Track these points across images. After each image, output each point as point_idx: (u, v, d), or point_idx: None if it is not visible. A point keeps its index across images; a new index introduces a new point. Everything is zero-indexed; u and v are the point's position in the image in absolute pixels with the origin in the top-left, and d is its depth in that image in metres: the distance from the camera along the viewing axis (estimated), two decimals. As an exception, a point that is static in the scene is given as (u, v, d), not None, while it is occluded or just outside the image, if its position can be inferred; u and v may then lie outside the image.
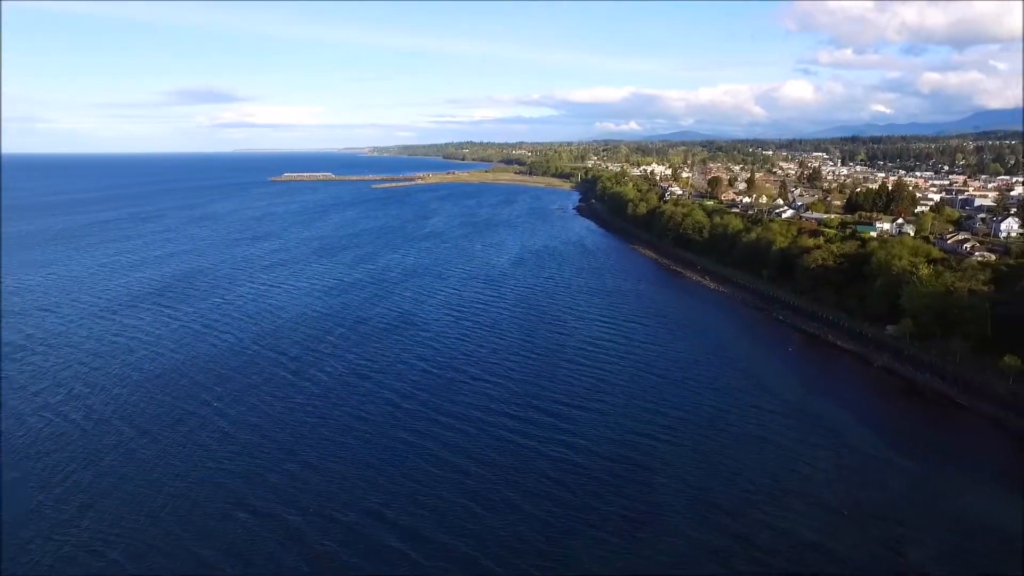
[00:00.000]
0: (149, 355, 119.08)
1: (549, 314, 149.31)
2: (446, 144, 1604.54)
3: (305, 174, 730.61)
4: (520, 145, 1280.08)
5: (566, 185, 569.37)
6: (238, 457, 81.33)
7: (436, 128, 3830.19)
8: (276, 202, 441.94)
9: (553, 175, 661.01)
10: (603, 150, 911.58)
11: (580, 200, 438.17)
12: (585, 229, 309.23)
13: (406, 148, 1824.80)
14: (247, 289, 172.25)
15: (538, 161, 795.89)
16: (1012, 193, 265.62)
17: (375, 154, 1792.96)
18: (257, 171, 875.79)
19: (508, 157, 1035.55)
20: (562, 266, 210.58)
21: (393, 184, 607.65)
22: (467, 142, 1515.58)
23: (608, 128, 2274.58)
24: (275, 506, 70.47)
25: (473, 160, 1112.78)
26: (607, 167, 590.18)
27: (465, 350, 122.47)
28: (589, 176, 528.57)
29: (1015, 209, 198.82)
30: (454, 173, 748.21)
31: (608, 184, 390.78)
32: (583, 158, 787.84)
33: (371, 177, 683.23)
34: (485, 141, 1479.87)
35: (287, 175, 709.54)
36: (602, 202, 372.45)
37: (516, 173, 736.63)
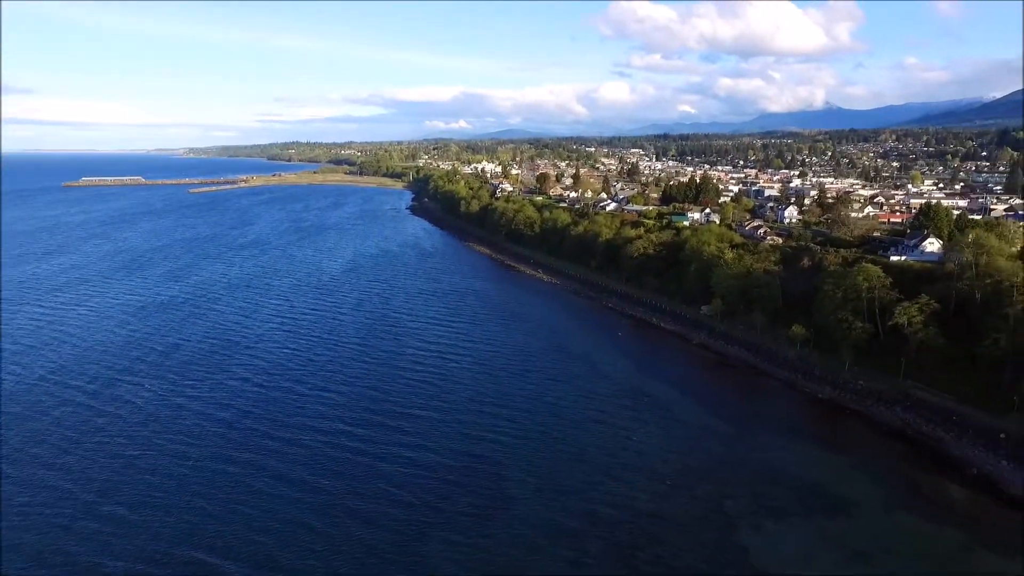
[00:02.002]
0: None
1: (387, 319, 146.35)
2: (271, 144, 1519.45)
3: (109, 178, 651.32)
4: (350, 145, 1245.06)
5: (398, 184, 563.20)
6: (16, 521, 67.13)
7: (260, 128, 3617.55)
8: (72, 211, 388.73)
9: (385, 175, 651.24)
10: (434, 149, 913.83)
11: (413, 199, 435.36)
12: (420, 229, 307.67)
13: (227, 149, 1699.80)
14: (32, 315, 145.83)
15: (369, 161, 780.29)
16: (791, 185, 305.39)
17: (191, 155, 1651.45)
18: (48, 175, 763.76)
19: (338, 157, 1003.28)
20: (398, 268, 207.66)
21: (213, 188, 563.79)
22: (294, 142, 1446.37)
23: (438, 127, 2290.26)
24: (88, 562, 61.76)
25: (300, 161, 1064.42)
26: (438, 166, 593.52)
27: (298, 363, 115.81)
28: (421, 175, 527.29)
29: (794, 198, 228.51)
30: (280, 175, 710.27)
31: (440, 183, 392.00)
32: (414, 157, 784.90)
33: (187, 181, 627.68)
34: (313, 141, 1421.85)
35: (86, 179, 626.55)
36: (435, 201, 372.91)
37: (346, 173, 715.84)
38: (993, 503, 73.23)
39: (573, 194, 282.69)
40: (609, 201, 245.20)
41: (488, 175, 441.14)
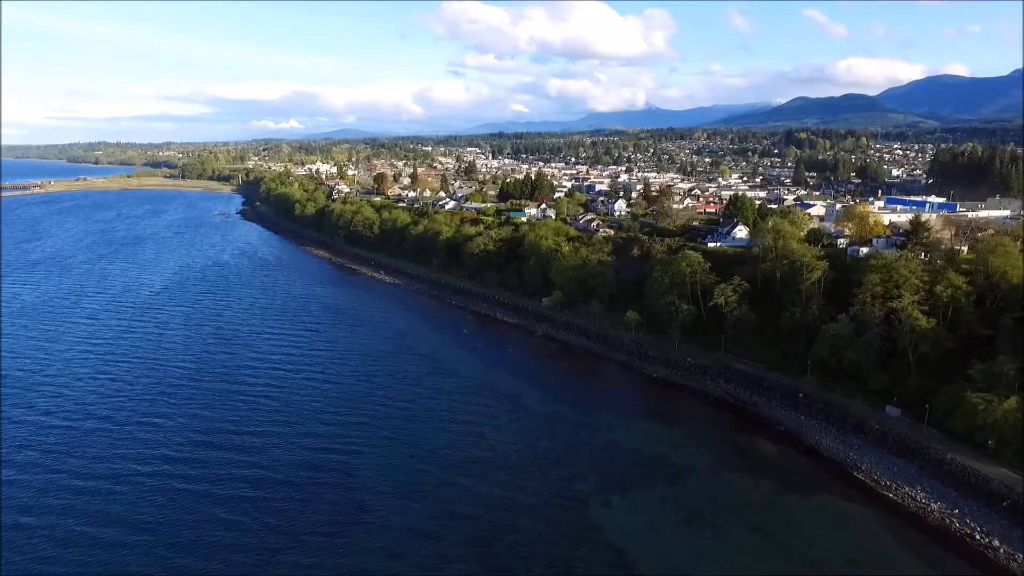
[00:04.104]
0: None
1: (220, 334, 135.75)
2: (72, 145, 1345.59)
3: None
4: (169, 146, 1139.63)
5: (227, 188, 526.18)
6: None
7: (56, 126, 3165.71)
8: None
9: (210, 178, 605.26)
10: (264, 150, 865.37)
11: (244, 203, 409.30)
12: (253, 235, 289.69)
13: (12, 149, 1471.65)
14: None
15: (192, 163, 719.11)
16: (619, 180, 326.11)
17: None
18: None
19: (155, 159, 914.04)
20: (230, 279, 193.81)
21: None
22: (100, 142, 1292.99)
23: (267, 126, 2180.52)
24: None
25: (110, 164, 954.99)
26: (270, 167, 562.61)
27: (115, 391, 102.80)
28: (252, 177, 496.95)
29: (622, 193, 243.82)
30: (86, 179, 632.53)
31: (273, 185, 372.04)
32: (243, 159, 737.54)
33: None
34: (124, 141, 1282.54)
35: None
36: (268, 204, 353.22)
37: (166, 177, 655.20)
38: (796, 453, 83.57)
39: (412, 193, 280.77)
40: (448, 199, 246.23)
41: (323, 176, 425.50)
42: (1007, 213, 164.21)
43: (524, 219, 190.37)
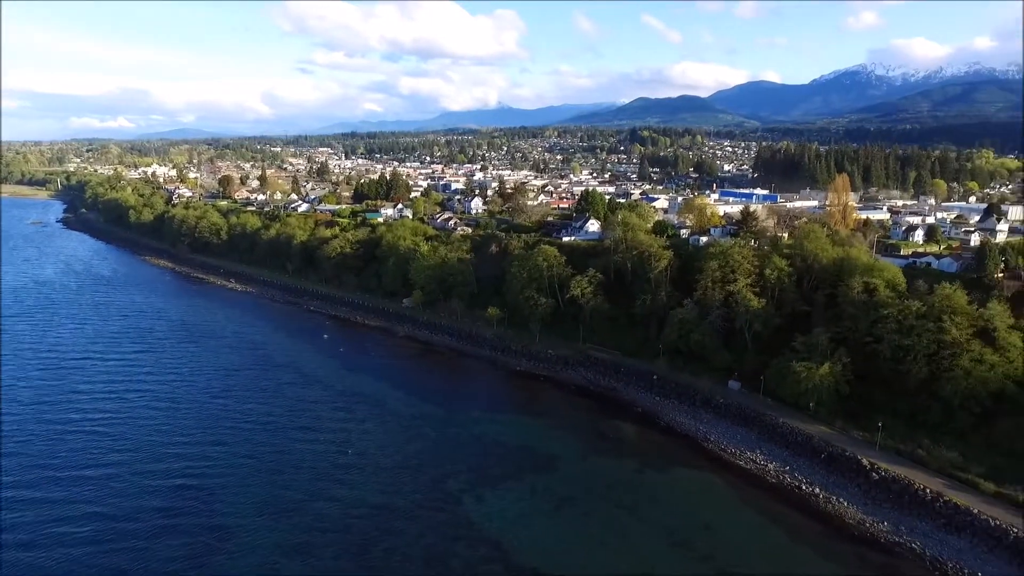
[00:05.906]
0: None
1: (41, 362, 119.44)
2: None
3: None
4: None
5: (43, 194, 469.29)
6: None
7: None
8: None
9: (19, 182, 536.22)
10: (88, 150, 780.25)
11: (66, 211, 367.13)
12: (80, 246, 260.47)
13: None
14: None
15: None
16: (475, 178, 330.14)
17: None
18: None
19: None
20: (53, 298, 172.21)
21: None
22: None
23: (91, 125, 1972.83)
24: None
25: None
26: (96, 170, 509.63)
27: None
28: (75, 182, 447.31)
29: (478, 191, 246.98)
30: None
31: (101, 190, 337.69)
32: (61, 160, 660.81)
33: None
34: None
35: None
36: (96, 211, 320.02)
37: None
38: (653, 432, 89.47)
39: (261, 196, 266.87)
40: (300, 202, 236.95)
41: (161, 180, 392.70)
42: (815, 203, 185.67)
43: (381, 220, 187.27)
